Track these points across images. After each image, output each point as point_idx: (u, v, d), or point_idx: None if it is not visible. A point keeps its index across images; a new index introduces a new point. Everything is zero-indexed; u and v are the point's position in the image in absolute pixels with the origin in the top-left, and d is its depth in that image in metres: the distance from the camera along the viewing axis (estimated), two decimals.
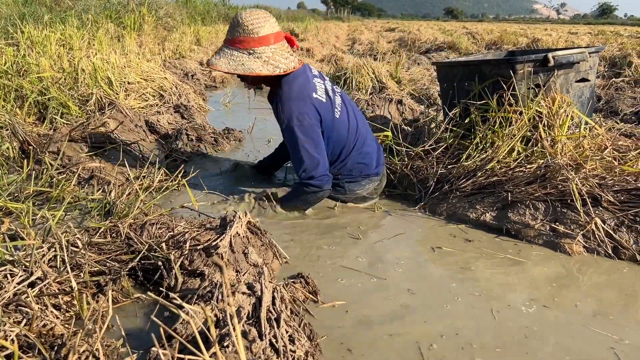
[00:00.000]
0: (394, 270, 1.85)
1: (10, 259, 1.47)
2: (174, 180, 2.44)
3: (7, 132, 2.77)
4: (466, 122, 2.80)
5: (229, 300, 0.80)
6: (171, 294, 1.23)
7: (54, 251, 1.55)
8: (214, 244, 1.66)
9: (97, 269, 1.58)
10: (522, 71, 2.62)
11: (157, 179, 2.42)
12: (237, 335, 0.84)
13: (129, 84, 4.16)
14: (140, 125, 3.49)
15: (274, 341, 1.21)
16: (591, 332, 1.47)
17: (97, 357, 1.15)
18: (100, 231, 1.78)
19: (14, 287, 1.35)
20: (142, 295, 1.56)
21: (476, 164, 2.53)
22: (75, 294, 1.36)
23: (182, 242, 1.70)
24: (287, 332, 1.27)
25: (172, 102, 4.30)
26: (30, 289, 1.36)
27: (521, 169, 2.37)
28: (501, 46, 12.15)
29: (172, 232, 1.79)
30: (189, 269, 1.61)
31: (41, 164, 2.46)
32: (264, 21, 2.17)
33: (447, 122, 2.93)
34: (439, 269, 1.87)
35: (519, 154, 2.49)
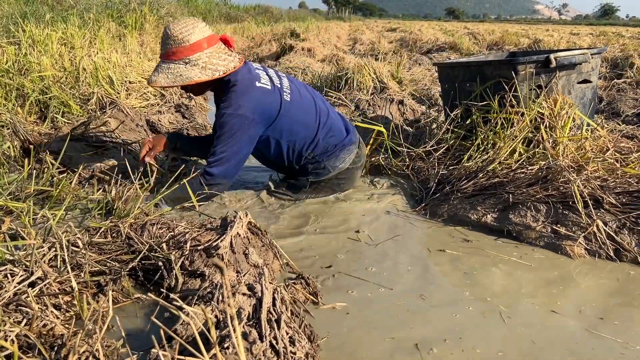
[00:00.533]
0: (395, 272, 1.84)
1: (10, 259, 1.47)
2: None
3: (8, 131, 2.77)
4: (467, 123, 2.80)
5: (229, 301, 0.80)
6: (171, 294, 1.23)
7: (55, 251, 1.55)
8: (215, 244, 1.65)
9: (98, 269, 1.58)
10: (523, 72, 2.62)
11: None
12: (237, 336, 0.84)
13: (130, 83, 4.16)
14: (141, 124, 3.49)
15: (274, 343, 1.20)
16: (597, 336, 1.46)
17: (97, 358, 1.14)
18: (100, 231, 1.77)
19: (14, 287, 1.35)
20: (143, 295, 1.55)
21: (477, 165, 2.52)
22: (75, 294, 1.36)
23: (182, 242, 1.70)
24: (287, 333, 1.26)
25: (173, 102, 4.30)
26: (30, 288, 1.36)
27: (523, 171, 2.37)
28: (502, 47, 12.14)
29: (172, 233, 1.78)
30: (190, 269, 1.61)
31: (42, 163, 2.46)
32: (192, 27, 2.18)
33: (448, 123, 2.93)
34: (441, 272, 1.86)
35: (520, 156, 2.49)
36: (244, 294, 1.34)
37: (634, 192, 2.06)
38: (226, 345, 1.11)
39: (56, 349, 1.18)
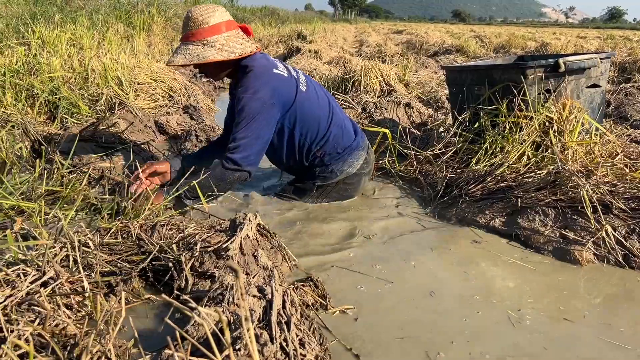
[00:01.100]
0: (404, 275, 1.85)
1: (23, 258, 1.49)
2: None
3: (18, 131, 2.79)
4: (475, 126, 2.80)
5: (244, 304, 0.80)
6: (183, 295, 1.24)
7: (66, 251, 1.56)
8: (225, 246, 1.66)
9: (108, 269, 1.59)
10: (532, 76, 2.62)
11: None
12: (251, 338, 0.84)
13: (138, 84, 4.18)
14: (149, 125, 3.51)
15: (284, 345, 1.21)
16: (606, 342, 1.46)
17: (109, 358, 1.15)
18: (111, 231, 1.79)
19: (27, 286, 1.36)
20: (153, 296, 1.57)
21: (485, 169, 2.52)
22: (88, 295, 1.37)
23: (192, 243, 1.71)
24: (297, 336, 1.27)
25: (181, 103, 4.32)
26: (42, 288, 1.37)
27: (531, 175, 2.37)
28: (509, 50, 12.13)
29: (182, 234, 1.79)
30: (200, 270, 1.61)
31: (52, 164, 2.48)
32: (213, 11, 2.23)
33: (456, 126, 2.93)
34: (450, 276, 1.86)
35: (529, 160, 2.49)
36: (254, 296, 1.35)
37: None
38: (238, 347, 1.11)
39: (69, 348, 1.19)
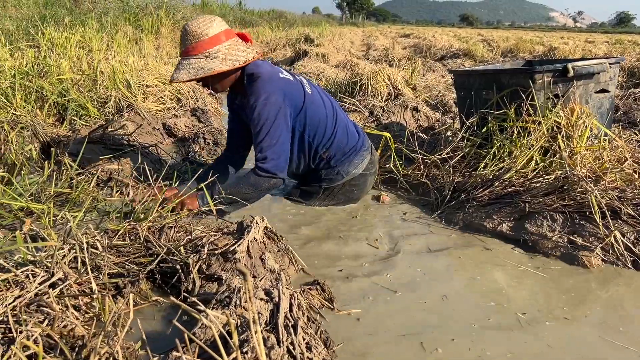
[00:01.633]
0: (411, 279, 1.84)
1: (32, 260, 1.50)
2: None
3: (28, 132, 2.81)
4: (483, 131, 2.79)
5: (251, 307, 0.81)
6: (191, 298, 1.24)
7: (74, 252, 1.57)
8: (232, 249, 1.66)
9: (116, 271, 1.60)
10: (541, 81, 2.61)
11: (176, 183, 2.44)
12: (258, 341, 0.85)
13: (146, 86, 4.21)
14: (157, 128, 3.52)
15: (291, 348, 1.21)
16: (610, 344, 1.45)
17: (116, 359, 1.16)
18: (119, 233, 1.79)
19: (36, 287, 1.37)
20: (160, 298, 1.57)
21: (493, 173, 2.52)
22: (97, 297, 1.37)
23: (200, 246, 1.71)
24: (304, 339, 1.27)
25: (189, 106, 4.33)
26: (51, 289, 1.38)
27: (539, 180, 2.36)
28: (517, 54, 12.09)
29: (190, 236, 1.80)
30: (207, 273, 1.62)
31: (61, 165, 2.49)
32: (210, 22, 2.20)
33: (464, 130, 2.92)
34: (456, 279, 1.86)
35: (537, 165, 2.48)
36: (261, 299, 1.35)
37: None
38: (245, 349, 1.12)
39: (77, 349, 1.19)
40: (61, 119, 3.57)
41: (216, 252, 1.67)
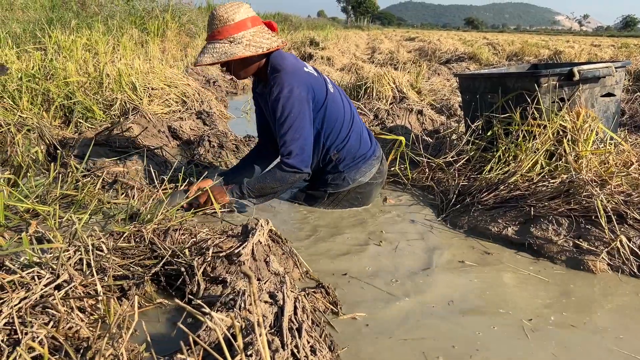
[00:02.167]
0: (416, 283, 1.84)
1: (37, 261, 1.50)
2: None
3: (34, 135, 2.83)
4: (488, 134, 2.79)
5: (256, 310, 0.81)
6: (197, 300, 1.24)
7: (80, 254, 1.58)
8: (237, 251, 1.67)
9: (121, 273, 1.61)
10: (546, 85, 2.61)
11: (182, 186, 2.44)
12: (263, 344, 0.85)
13: (152, 89, 4.22)
14: (163, 130, 3.54)
15: (295, 351, 1.21)
16: (616, 352, 1.45)
17: None
18: (124, 235, 1.80)
19: (41, 289, 1.38)
20: (165, 300, 1.57)
21: (498, 177, 2.51)
22: (102, 299, 1.38)
23: (204, 248, 1.72)
24: (308, 342, 1.27)
25: (195, 109, 4.35)
26: (56, 291, 1.38)
27: (544, 184, 2.35)
28: (522, 57, 12.07)
29: (195, 239, 1.80)
30: (212, 275, 1.62)
31: (67, 168, 2.50)
32: (237, 8, 2.21)
33: (469, 134, 2.92)
34: (461, 284, 1.85)
35: (542, 168, 2.47)
36: (266, 302, 1.35)
37: None
38: (249, 352, 1.12)
39: (82, 351, 1.20)
40: (67, 122, 3.58)
41: (221, 254, 1.68)
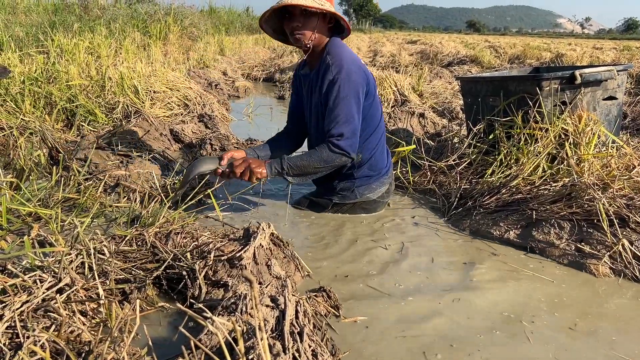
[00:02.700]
0: (419, 287, 1.83)
1: (39, 265, 1.50)
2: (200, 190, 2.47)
3: (36, 138, 2.84)
4: (490, 137, 2.79)
5: (257, 314, 0.81)
6: (197, 304, 1.24)
7: (82, 258, 1.58)
8: (238, 255, 1.67)
9: (123, 276, 1.61)
10: (548, 88, 2.61)
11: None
12: (264, 348, 0.85)
13: (154, 92, 4.23)
14: (165, 134, 3.54)
15: (297, 355, 1.21)
16: (617, 357, 1.44)
17: None
18: (126, 239, 1.80)
19: (43, 293, 1.38)
20: (167, 304, 1.57)
21: (500, 180, 2.51)
22: (104, 303, 1.38)
23: (206, 252, 1.72)
24: (310, 346, 1.27)
25: (197, 112, 4.35)
26: (58, 295, 1.39)
27: (546, 187, 2.35)
28: (524, 60, 12.07)
29: (196, 242, 1.80)
30: (213, 279, 1.62)
31: (69, 171, 2.51)
32: None
33: (470, 137, 2.92)
34: (463, 287, 1.84)
35: (544, 172, 2.47)
36: (267, 306, 1.35)
37: None
38: (250, 356, 1.12)
39: (83, 355, 1.20)
40: (69, 125, 3.59)
41: (222, 258, 1.68)
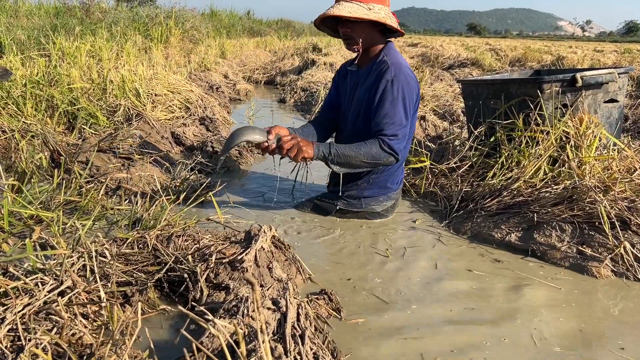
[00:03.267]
0: (420, 290, 1.83)
1: (41, 267, 1.51)
2: (201, 193, 2.47)
3: (38, 141, 2.84)
4: (491, 140, 2.79)
5: (259, 317, 0.81)
6: (199, 307, 1.24)
7: (83, 261, 1.58)
8: (240, 257, 1.67)
9: (124, 279, 1.61)
10: (549, 91, 2.61)
11: (183, 195, 2.44)
12: (266, 351, 0.85)
13: (155, 95, 4.23)
14: (166, 136, 3.54)
15: (298, 358, 1.21)
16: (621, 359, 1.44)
17: None
18: (127, 242, 1.80)
19: (45, 296, 1.38)
20: (168, 306, 1.57)
21: (501, 183, 2.51)
22: (106, 305, 1.38)
23: (207, 255, 1.72)
24: (311, 349, 1.27)
25: (198, 115, 4.35)
26: (60, 297, 1.39)
27: (547, 190, 2.35)
28: (525, 63, 12.06)
29: (198, 245, 1.81)
30: (215, 282, 1.62)
31: (70, 174, 2.51)
32: None
33: (472, 140, 2.92)
34: (465, 291, 1.84)
35: (545, 175, 2.47)
36: (269, 309, 1.35)
37: None
38: (252, 359, 1.12)
39: (85, 358, 1.20)
40: (71, 128, 3.59)
41: (224, 261, 1.68)
